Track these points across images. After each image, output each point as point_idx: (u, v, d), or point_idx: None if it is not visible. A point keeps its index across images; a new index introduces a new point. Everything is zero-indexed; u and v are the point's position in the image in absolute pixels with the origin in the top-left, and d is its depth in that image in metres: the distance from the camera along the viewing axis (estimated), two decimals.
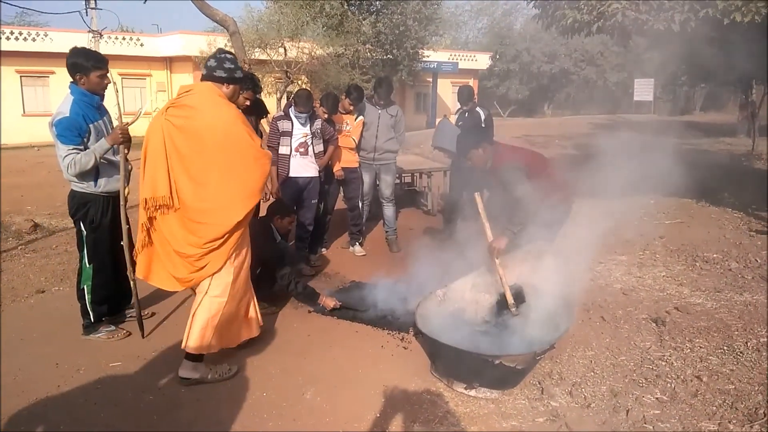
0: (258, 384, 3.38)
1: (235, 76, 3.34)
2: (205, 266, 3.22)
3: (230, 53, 3.41)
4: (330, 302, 4.42)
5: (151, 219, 3.23)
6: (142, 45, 23.90)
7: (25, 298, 4.78)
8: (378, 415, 3.08)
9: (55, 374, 3.46)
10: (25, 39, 21.50)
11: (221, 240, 3.19)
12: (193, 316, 3.29)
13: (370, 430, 2.96)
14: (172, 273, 3.26)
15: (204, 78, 3.32)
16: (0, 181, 10.32)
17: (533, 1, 8.56)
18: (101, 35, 18.03)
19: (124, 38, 23.82)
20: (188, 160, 3.16)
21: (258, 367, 3.59)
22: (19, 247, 6.34)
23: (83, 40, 19.76)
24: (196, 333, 3.28)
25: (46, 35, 21.77)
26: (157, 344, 3.88)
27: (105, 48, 21.25)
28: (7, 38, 21.10)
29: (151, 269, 3.35)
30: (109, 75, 3.76)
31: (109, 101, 3.82)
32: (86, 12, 17.64)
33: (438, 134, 4.73)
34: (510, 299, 3.82)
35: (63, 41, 20.63)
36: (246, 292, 3.50)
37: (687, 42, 7.65)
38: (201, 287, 3.29)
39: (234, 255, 3.29)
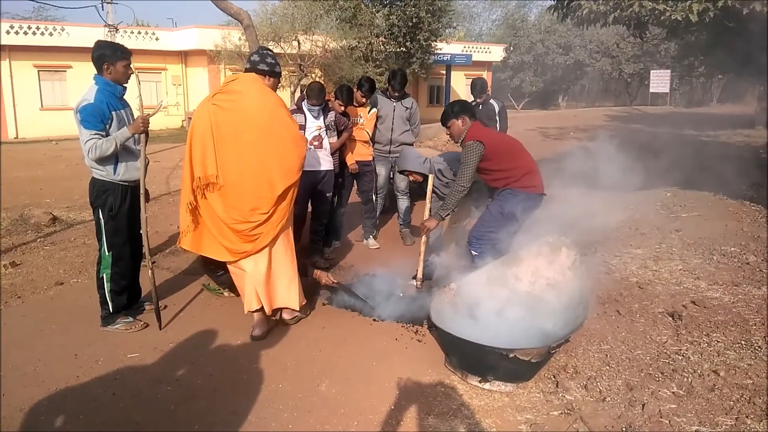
0: (273, 376, 3.41)
1: (275, 71, 3.80)
2: (256, 239, 3.64)
3: (270, 50, 3.88)
4: (323, 277, 4.54)
5: (198, 197, 3.64)
6: (157, 39, 24.02)
7: (45, 290, 4.85)
8: (392, 407, 3.09)
9: (74, 365, 3.52)
10: (42, 33, 21.69)
11: (267, 213, 3.60)
12: (269, 280, 3.81)
13: (385, 421, 2.97)
14: (227, 246, 3.66)
15: (248, 70, 3.76)
16: (0, 176, 10.44)
17: None
18: (117, 29, 18.14)
19: (139, 32, 23.95)
20: (234, 139, 3.57)
21: (273, 359, 3.62)
22: (38, 240, 6.43)
23: (99, 35, 19.91)
24: (293, 292, 3.93)
25: (63, 30, 21.95)
26: (174, 336, 3.92)
27: (121, 42, 21.34)
28: (25, 33, 21.31)
29: (202, 241, 3.77)
30: (132, 66, 3.91)
31: (130, 94, 3.93)
32: (102, 6, 17.75)
33: (401, 160, 4.99)
34: (419, 274, 4.37)
35: (80, 36, 20.83)
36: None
37: (705, 32, 7.55)
38: (257, 258, 3.72)
39: (281, 230, 3.75)
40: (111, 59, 3.78)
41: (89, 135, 3.65)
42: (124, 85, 3.91)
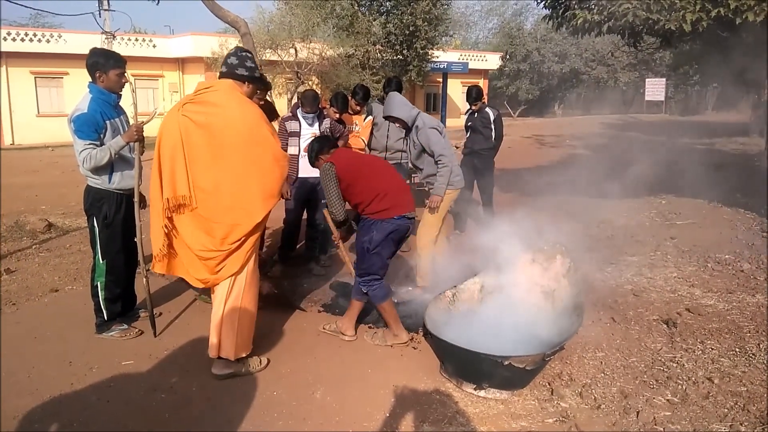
0: (268, 383, 3.40)
1: (255, 75, 3.37)
2: (223, 268, 3.23)
3: (250, 52, 3.43)
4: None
5: (169, 219, 3.20)
6: (154, 46, 24.08)
7: (39, 296, 4.84)
8: (387, 414, 3.09)
9: (69, 372, 3.50)
10: (39, 40, 21.74)
11: (239, 242, 3.19)
12: (221, 321, 3.29)
13: (380, 429, 2.97)
14: (193, 274, 3.28)
15: (224, 75, 3.31)
16: (0, 183, 10.42)
17: (543, 1, 8.53)
18: (114, 36, 18.19)
19: (136, 39, 24.01)
20: (208, 157, 3.15)
21: (268, 366, 3.61)
22: (34, 247, 6.41)
23: (96, 42, 19.91)
24: (229, 337, 3.31)
25: (60, 36, 22.01)
26: (169, 343, 3.91)
27: (118, 49, 21.34)
28: (22, 39, 21.35)
29: (172, 265, 3.35)
30: (126, 74, 3.86)
31: (125, 101, 3.91)
32: (99, 13, 17.80)
33: (387, 105, 4.80)
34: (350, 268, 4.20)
35: (77, 42, 20.87)
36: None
37: (698, 41, 7.60)
38: (220, 291, 3.30)
39: (251, 258, 3.32)
40: (104, 67, 3.75)
41: (83, 145, 3.63)
42: (119, 93, 3.88)
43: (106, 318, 3.97)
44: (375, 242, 3.72)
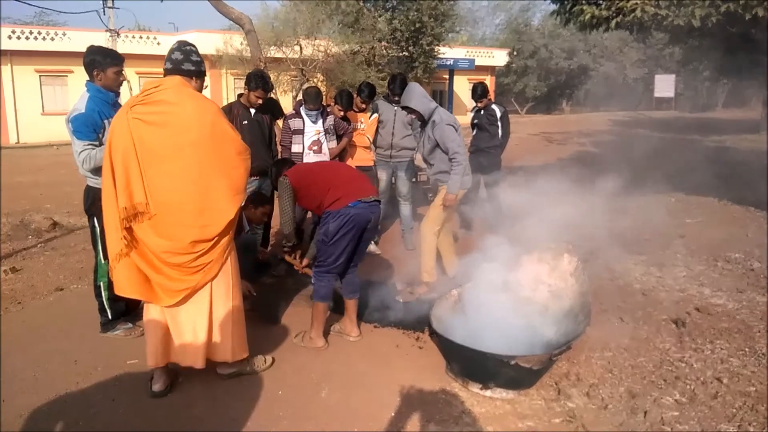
0: (273, 382, 3.39)
1: (201, 70, 3.25)
2: (200, 270, 3.04)
3: (193, 45, 3.32)
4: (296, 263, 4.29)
5: (128, 230, 2.96)
6: (159, 44, 24.12)
7: (45, 295, 4.85)
8: (393, 414, 3.07)
9: (74, 371, 3.51)
10: (44, 38, 21.83)
11: (211, 242, 3.02)
12: (208, 328, 3.16)
13: (386, 429, 2.95)
14: (167, 286, 3.03)
15: (169, 72, 3.16)
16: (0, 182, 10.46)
17: None
18: (118, 34, 18.26)
19: (141, 37, 24.06)
20: (167, 158, 2.96)
21: (273, 365, 3.60)
22: (39, 245, 6.43)
23: (101, 39, 20.00)
24: (226, 342, 3.22)
25: (64, 35, 22.09)
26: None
27: (122, 47, 21.45)
28: (26, 38, 21.44)
29: (135, 283, 3.04)
30: (124, 72, 3.82)
31: (124, 101, 3.87)
32: (104, 11, 17.88)
33: (407, 94, 4.75)
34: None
35: (81, 40, 20.88)
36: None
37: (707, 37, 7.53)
38: (202, 298, 3.12)
39: (228, 256, 3.17)
40: (102, 65, 3.72)
41: (82, 146, 3.61)
42: (117, 91, 3.85)
43: (110, 317, 3.96)
44: (331, 233, 3.65)
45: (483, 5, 51.14)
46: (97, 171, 3.66)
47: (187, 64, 3.17)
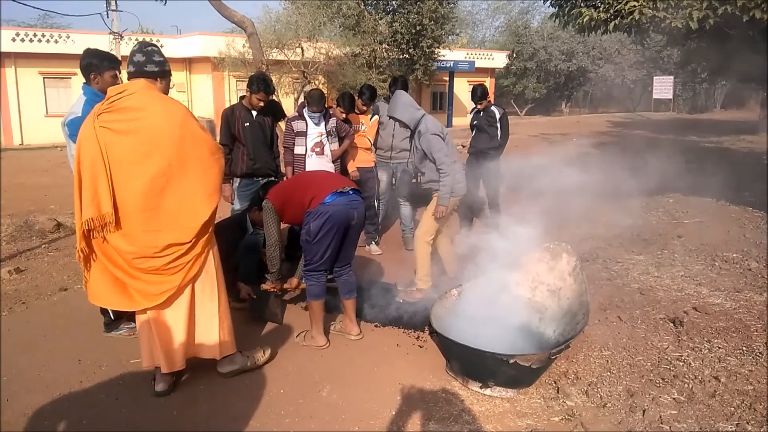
0: (275, 381, 3.43)
1: (165, 69, 3.16)
2: (178, 271, 3.03)
3: (155, 45, 3.21)
4: (294, 281, 4.25)
5: (93, 240, 2.96)
6: (162, 46, 24.05)
7: (49, 295, 4.88)
8: (394, 412, 3.10)
9: (78, 370, 3.54)
10: (47, 41, 21.85)
11: (188, 244, 3.01)
12: (188, 328, 3.17)
13: (386, 427, 2.98)
14: (146, 290, 3.02)
15: (133, 75, 3.08)
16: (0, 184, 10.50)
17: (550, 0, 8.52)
18: (122, 37, 18.26)
19: (144, 40, 24.09)
20: (138, 164, 2.92)
21: (274, 364, 3.63)
22: (43, 246, 6.47)
23: (105, 42, 20.02)
24: (214, 338, 3.27)
25: (68, 37, 22.11)
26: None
27: (126, 49, 21.45)
28: (30, 40, 21.47)
29: (108, 293, 3.06)
30: (120, 76, 3.79)
31: None
32: (107, 14, 17.89)
33: (392, 104, 4.77)
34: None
35: (84, 43, 20.79)
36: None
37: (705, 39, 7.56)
38: (181, 299, 3.11)
39: (209, 254, 3.17)
40: (98, 69, 3.71)
41: None
42: None
43: (113, 317, 3.99)
44: (313, 233, 3.64)
45: (483, 8, 51.36)
46: None
47: (150, 66, 3.09)
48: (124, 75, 3.42)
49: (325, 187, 3.73)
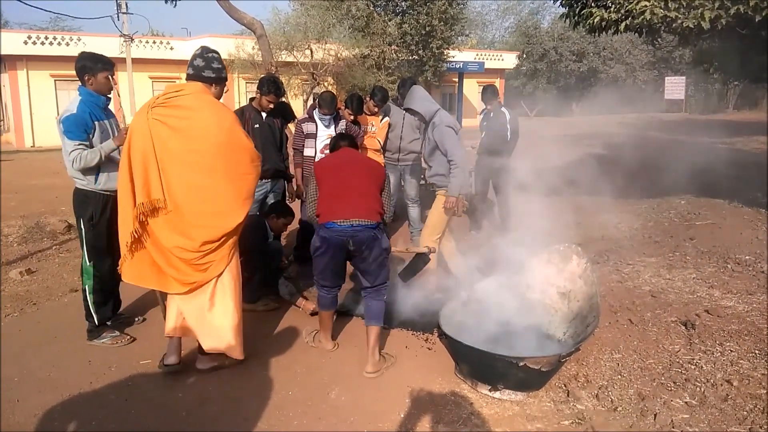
0: (283, 382, 3.43)
1: (222, 76, 3.36)
2: (207, 268, 3.24)
3: (216, 52, 3.39)
4: (309, 305, 4.43)
5: (142, 224, 3.18)
6: (172, 48, 24.30)
7: (59, 296, 4.92)
8: (402, 415, 3.09)
9: (88, 371, 3.56)
10: (59, 44, 22.06)
11: (218, 242, 3.21)
12: (210, 322, 3.34)
13: (395, 430, 2.97)
14: (176, 276, 3.23)
15: (191, 78, 3.29)
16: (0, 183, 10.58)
17: (560, 0, 8.46)
18: (132, 39, 18.40)
19: (154, 42, 24.25)
20: (184, 161, 3.15)
21: (283, 366, 3.64)
22: (54, 247, 6.51)
23: (115, 45, 20.23)
24: (226, 336, 3.36)
25: (79, 40, 22.29)
26: (186, 343, 3.92)
27: (136, 52, 21.68)
28: (42, 43, 21.69)
29: (145, 273, 3.28)
30: (113, 77, 3.89)
31: (124, 102, 3.94)
32: (118, 17, 18.02)
33: (408, 97, 4.75)
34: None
35: (96, 46, 21.02)
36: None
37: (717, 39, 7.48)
38: (202, 294, 3.29)
39: (233, 255, 3.35)
40: (92, 71, 3.78)
41: (73, 146, 3.64)
42: (107, 95, 3.91)
43: (96, 323, 3.93)
44: (313, 246, 3.60)
45: (492, 8, 51.28)
46: (86, 172, 3.74)
47: (208, 72, 3.29)
48: (136, 76, 3.50)
49: (329, 210, 3.53)
